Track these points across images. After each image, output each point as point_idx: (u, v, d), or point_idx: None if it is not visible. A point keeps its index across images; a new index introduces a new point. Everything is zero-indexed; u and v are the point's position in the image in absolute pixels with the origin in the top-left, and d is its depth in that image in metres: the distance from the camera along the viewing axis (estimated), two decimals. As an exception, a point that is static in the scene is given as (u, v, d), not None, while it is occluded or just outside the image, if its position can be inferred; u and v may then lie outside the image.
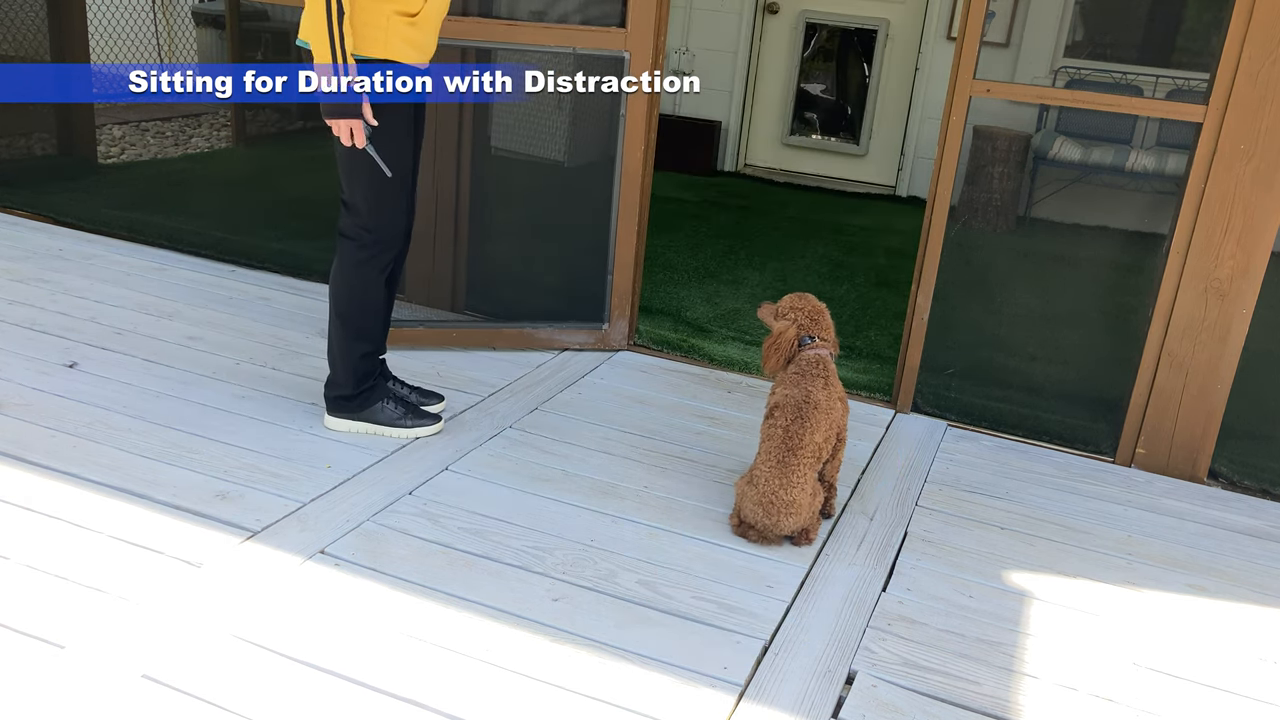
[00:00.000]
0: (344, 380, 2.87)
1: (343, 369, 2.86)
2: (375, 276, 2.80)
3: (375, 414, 2.88)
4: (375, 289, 2.82)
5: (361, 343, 2.84)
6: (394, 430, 2.88)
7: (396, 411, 2.90)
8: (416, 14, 2.56)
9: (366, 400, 2.88)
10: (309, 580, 2.23)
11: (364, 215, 2.72)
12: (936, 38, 6.70)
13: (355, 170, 2.66)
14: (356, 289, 2.81)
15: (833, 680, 2.09)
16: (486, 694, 1.94)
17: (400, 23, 2.54)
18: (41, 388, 2.98)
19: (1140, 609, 2.46)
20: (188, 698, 1.85)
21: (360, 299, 2.82)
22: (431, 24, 2.63)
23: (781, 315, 2.66)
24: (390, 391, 2.93)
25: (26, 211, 4.67)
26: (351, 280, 2.80)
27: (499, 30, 3.37)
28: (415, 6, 2.55)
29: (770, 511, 2.47)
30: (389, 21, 2.52)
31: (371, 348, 2.87)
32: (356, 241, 2.75)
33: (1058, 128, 6.22)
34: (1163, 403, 3.16)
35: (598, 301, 3.69)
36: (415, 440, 2.87)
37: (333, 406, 2.91)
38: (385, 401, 2.90)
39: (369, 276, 2.79)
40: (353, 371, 2.85)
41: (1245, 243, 2.99)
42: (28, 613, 2.03)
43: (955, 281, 4.80)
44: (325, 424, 2.91)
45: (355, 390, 2.87)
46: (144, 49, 8.14)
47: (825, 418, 2.50)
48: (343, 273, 2.80)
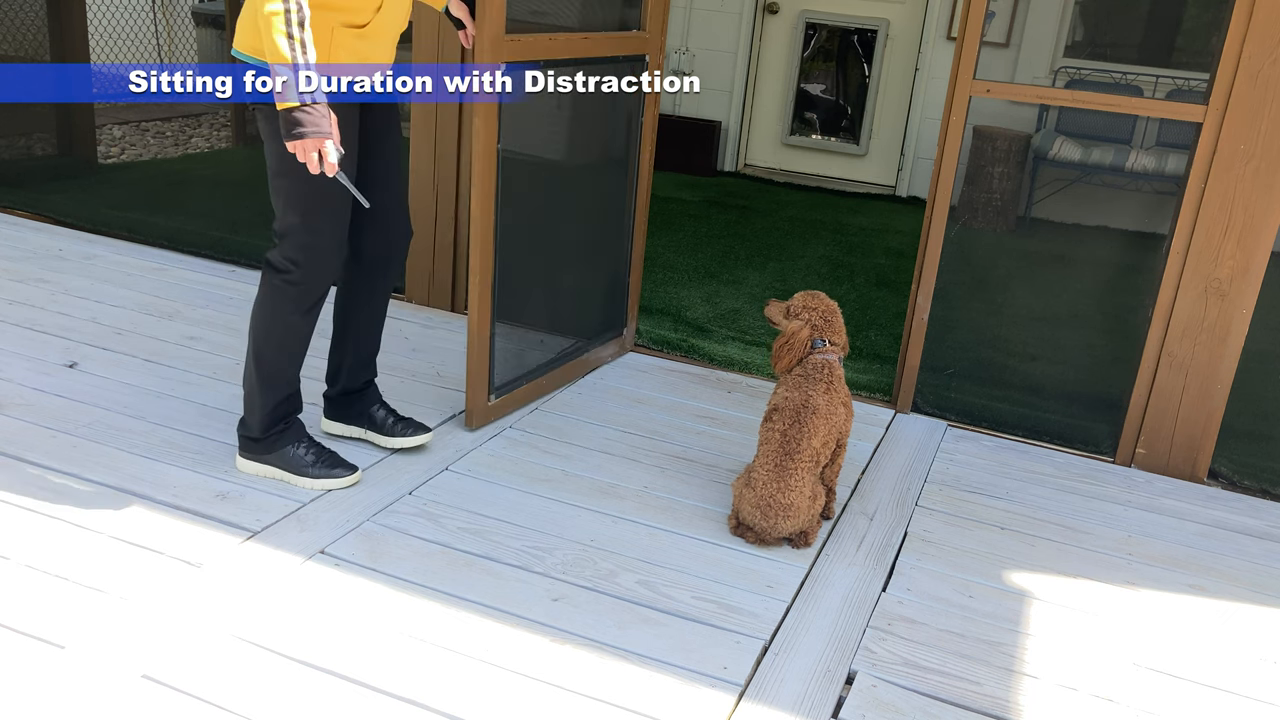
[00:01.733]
0: (251, 421, 2.60)
1: (250, 409, 2.60)
2: (296, 317, 2.50)
3: (284, 458, 2.60)
4: (297, 330, 2.53)
5: (277, 386, 2.57)
6: (301, 480, 2.59)
7: (306, 459, 2.59)
8: (365, 25, 2.37)
9: (275, 444, 2.60)
10: (309, 580, 2.23)
11: (293, 245, 2.44)
12: (936, 38, 6.70)
13: (289, 195, 2.41)
14: (275, 328, 2.52)
15: (833, 680, 2.09)
16: (486, 694, 1.94)
17: (346, 34, 2.35)
18: (42, 388, 2.98)
19: (1140, 609, 2.46)
20: (188, 698, 1.85)
21: (279, 338, 2.53)
22: (381, 36, 2.42)
23: (794, 314, 2.62)
24: (303, 436, 2.62)
25: (26, 211, 4.67)
26: (270, 316, 2.51)
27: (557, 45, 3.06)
28: (363, 18, 2.36)
29: (768, 515, 2.47)
30: (334, 32, 2.33)
31: (286, 392, 2.60)
32: (281, 274, 2.46)
33: (1058, 128, 6.22)
34: (1163, 403, 3.16)
35: (617, 305, 3.66)
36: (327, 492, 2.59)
37: (242, 446, 2.64)
38: (296, 446, 2.60)
39: (288, 316, 2.50)
40: (262, 412, 2.57)
41: (1245, 243, 2.99)
42: (28, 613, 2.03)
43: (955, 281, 4.80)
44: (236, 464, 2.65)
45: (263, 433, 2.59)
46: (144, 49, 8.15)
47: (825, 423, 2.49)
48: (262, 307, 2.52)
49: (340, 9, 2.33)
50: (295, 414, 2.65)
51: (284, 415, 2.61)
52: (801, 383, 2.52)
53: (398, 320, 3.80)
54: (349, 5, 2.34)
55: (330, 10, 2.31)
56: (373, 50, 2.42)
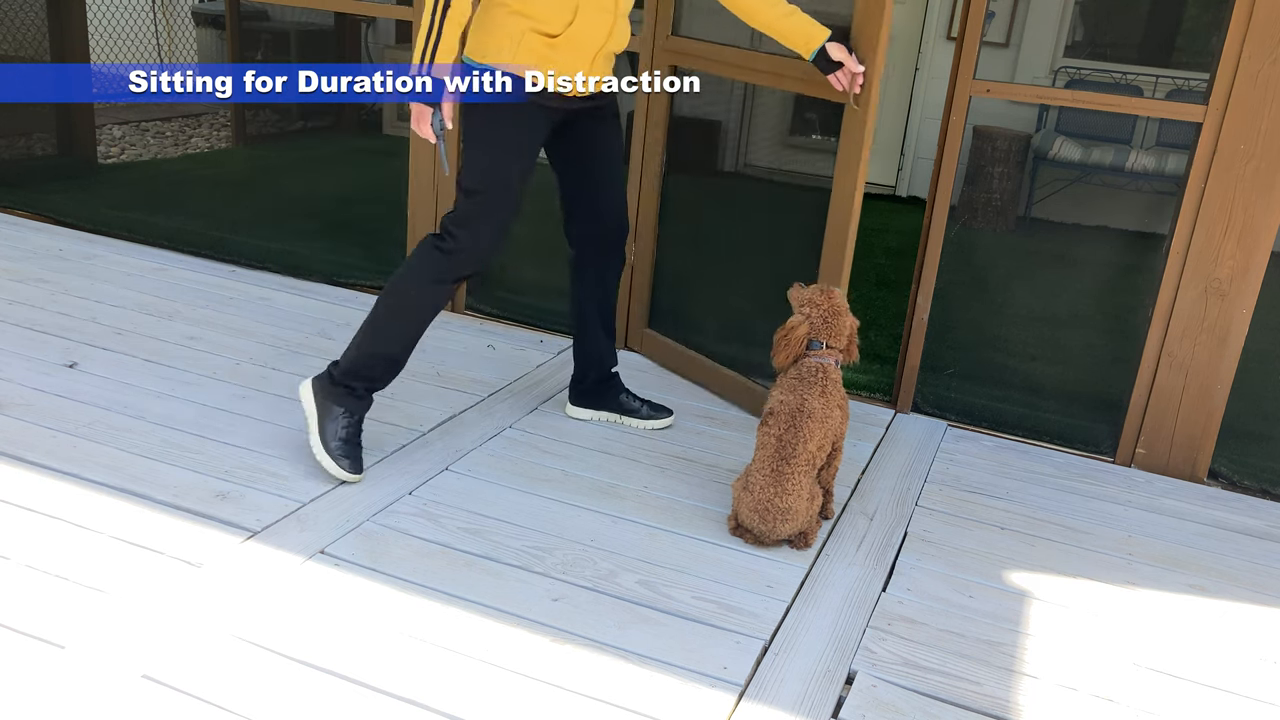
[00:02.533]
0: (345, 360, 2.64)
1: (351, 348, 2.64)
2: (428, 281, 2.60)
3: (328, 412, 2.62)
4: (426, 296, 2.62)
5: (379, 340, 2.63)
6: (313, 440, 2.62)
7: (341, 432, 2.61)
8: (557, 35, 2.50)
9: (340, 395, 2.63)
10: (309, 580, 2.23)
11: (456, 219, 2.59)
12: (936, 38, 6.70)
13: (467, 172, 2.59)
14: (409, 284, 2.62)
15: (833, 680, 2.09)
16: (486, 694, 1.94)
17: (536, 40, 2.50)
18: (42, 388, 2.98)
19: (1140, 609, 2.46)
20: (188, 698, 1.85)
21: (401, 294, 2.63)
22: (575, 48, 2.54)
23: (799, 307, 2.60)
24: (360, 412, 2.65)
25: (26, 211, 4.67)
26: (409, 270, 2.63)
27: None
28: (555, 29, 2.49)
29: (766, 518, 2.47)
30: (523, 36, 2.49)
31: (390, 352, 2.64)
32: (438, 238, 2.60)
33: (1058, 128, 6.23)
34: (1163, 403, 3.16)
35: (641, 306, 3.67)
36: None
37: (320, 375, 2.68)
38: (346, 415, 2.63)
39: (428, 281, 2.61)
40: (353, 358, 2.63)
41: (1245, 243, 2.99)
42: (28, 613, 2.03)
43: (955, 281, 4.80)
44: (300, 385, 2.70)
45: (340, 377, 2.63)
46: (144, 49, 8.15)
47: (820, 426, 2.48)
48: (407, 263, 2.65)
49: (532, 16, 2.50)
50: (379, 386, 2.69)
51: (370, 377, 2.66)
52: (796, 385, 2.51)
53: (398, 320, 3.81)
54: (541, 15, 2.50)
55: (523, 17, 2.49)
56: (563, 59, 2.55)
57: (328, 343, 3.52)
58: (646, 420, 3.12)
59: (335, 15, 7.08)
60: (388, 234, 4.20)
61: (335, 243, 4.64)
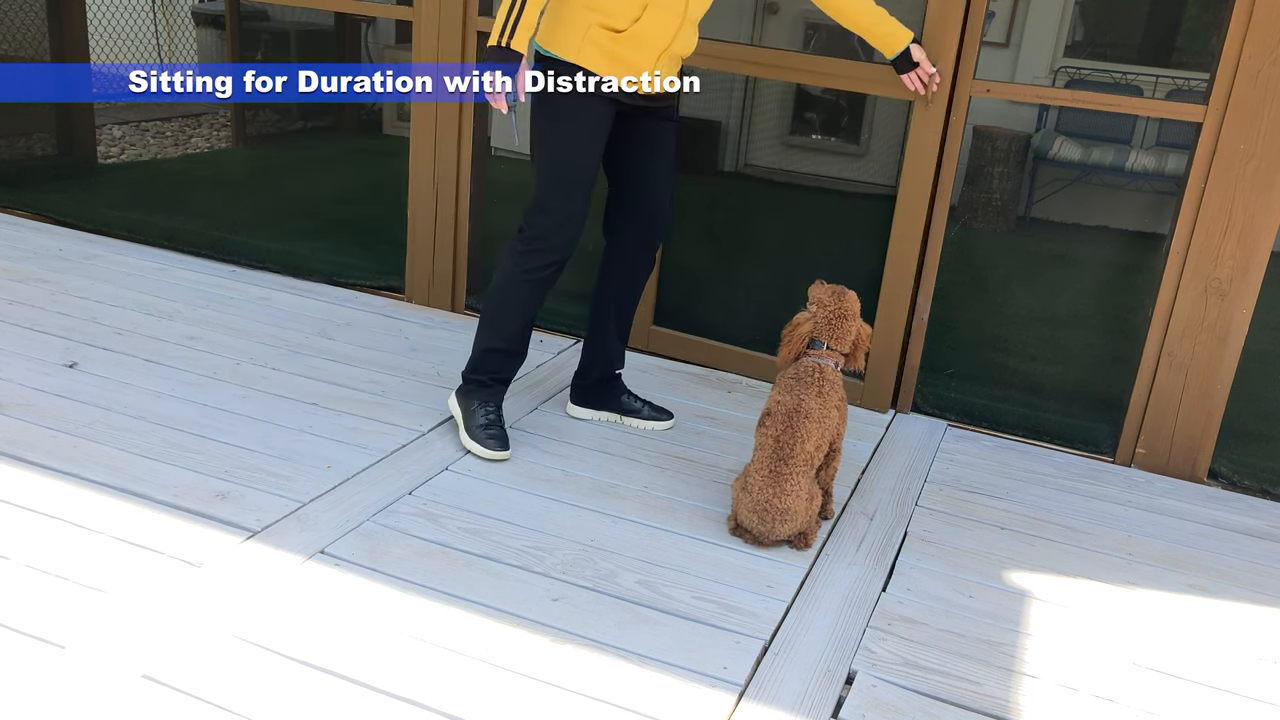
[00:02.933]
0: (469, 361, 2.89)
1: (473, 348, 2.88)
2: (519, 274, 2.74)
3: (466, 407, 2.87)
4: (517, 287, 2.76)
5: (489, 335, 2.83)
6: (464, 434, 2.85)
7: (481, 420, 2.83)
8: (622, 31, 2.56)
9: (472, 391, 2.88)
10: (309, 580, 2.23)
11: (533, 212, 2.71)
12: (936, 38, 6.69)
13: (538, 167, 2.68)
14: (502, 280, 2.78)
15: (833, 680, 2.09)
16: (486, 694, 1.94)
17: (601, 34, 2.55)
18: (42, 388, 2.98)
19: (1140, 609, 2.46)
20: (188, 698, 1.85)
21: (500, 291, 2.79)
22: (641, 44, 2.60)
23: (809, 305, 2.61)
24: (494, 400, 2.87)
25: (26, 211, 4.67)
26: (501, 269, 2.78)
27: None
28: (621, 24, 2.55)
29: (764, 519, 2.47)
30: (589, 30, 2.54)
31: (500, 345, 2.83)
32: (520, 233, 2.73)
33: (1058, 128, 6.23)
34: (1163, 403, 3.16)
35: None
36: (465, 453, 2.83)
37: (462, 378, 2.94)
38: (482, 405, 2.85)
39: (513, 272, 2.74)
40: (473, 355, 2.87)
41: (1245, 243, 2.99)
42: (28, 613, 2.03)
43: (955, 281, 4.80)
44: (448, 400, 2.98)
45: (467, 375, 2.90)
46: (144, 49, 8.15)
47: (818, 427, 2.48)
48: (502, 261, 2.78)
49: (599, 10, 2.54)
50: (504, 376, 2.89)
51: (492, 369, 2.87)
52: (793, 386, 2.51)
53: (397, 320, 3.81)
54: (609, 9, 2.54)
55: (590, 10, 2.53)
56: (629, 55, 2.60)
57: (328, 343, 3.52)
58: (647, 421, 3.13)
59: (335, 15, 7.07)
60: (388, 234, 4.19)
61: (335, 243, 4.64)
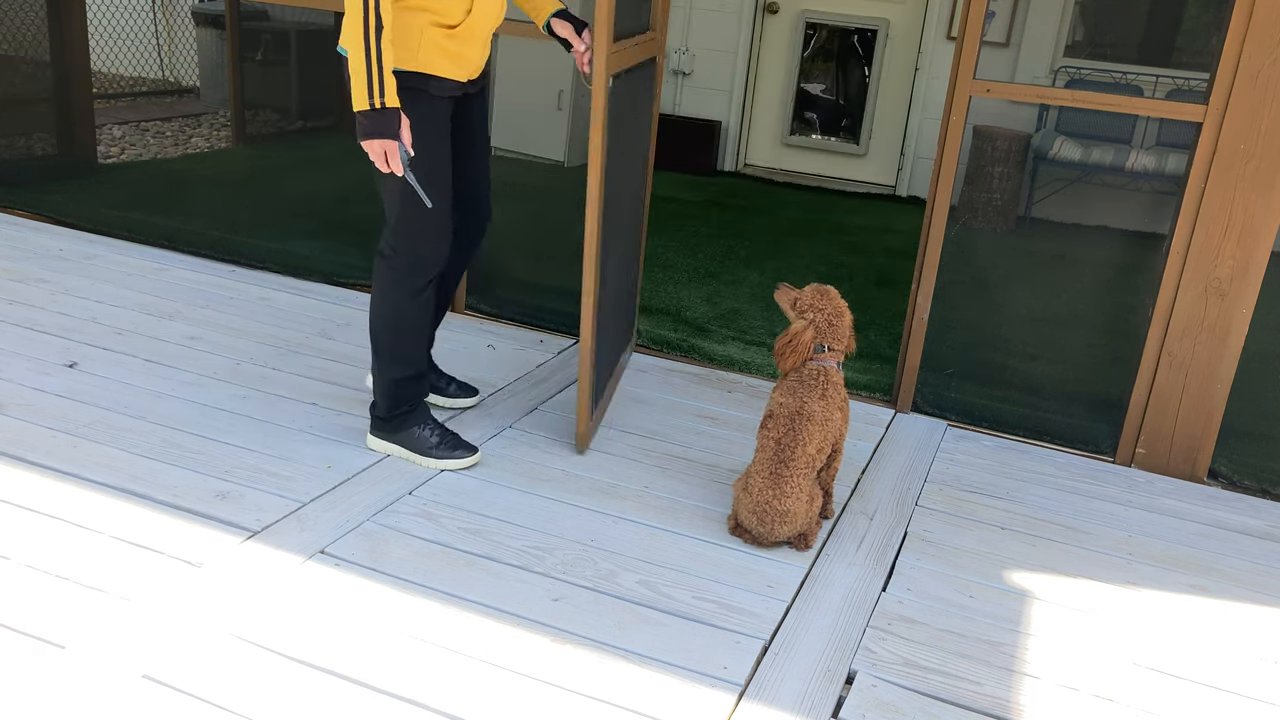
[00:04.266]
0: (380, 400, 2.76)
1: (378, 389, 2.76)
2: (405, 300, 2.64)
3: (409, 439, 2.76)
4: (407, 313, 2.66)
5: (395, 367, 2.71)
6: (424, 460, 2.75)
7: (430, 440, 2.75)
8: (456, 26, 2.45)
9: (402, 424, 2.76)
10: (309, 580, 2.23)
11: (395, 234, 2.59)
12: (936, 38, 6.69)
13: (388, 187, 2.54)
14: (387, 312, 2.67)
15: (833, 680, 2.09)
16: (486, 694, 1.94)
17: (437, 34, 2.43)
18: (42, 388, 2.98)
19: (1140, 609, 2.46)
20: (188, 698, 1.85)
21: (391, 321, 2.67)
22: (474, 36, 2.51)
23: (801, 311, 2.58)
24: (428, 418, 2.78)
25: (26, 211, 4.67)
26: (383, 300, 2.66)
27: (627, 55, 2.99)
28: (455, 18, 2.44)
29: (765, 520, 2.47)
30: (423, 32, 2.42)
31: (409, 372, 2.72)
32: (387, 260, 2.62)
33: (1058, 128, 6.23)
34: (1163, 403, 3.16)
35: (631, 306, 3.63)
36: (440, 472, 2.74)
37: (372, 424, 2.81)
38: (422, 428, 2.76)
39: (398, 299, 2.64)
40: (385, 393, 2.74)
41: (1245, 243, 2.99)
42: (28, 613, 2.03)
43: (955, 281, 4.81)
44: (366, 441, 2.83)
45: (388, 413, 2.76)
46: (144, 49, 8.15)
47: (820, 429, 2.48)
48: (376, 291, 2.67)
49: (430, 10, 2.42)
50: (420, 396, 2.79)
51: (408, 397, 2.76)
52: (796, 388, 2.51)
53: (398, 320, 3.81)
54: (439, 7, 2.43)
55: (420, 11, 2.41)
56: (464, 50, 2.51)
57: (328, 343, 3.52)
58: (454, 399, 3.10)
59: (335, 15, 7.08)
60: (388, 234, 4.19)
61: (335, 243, 4.65)
